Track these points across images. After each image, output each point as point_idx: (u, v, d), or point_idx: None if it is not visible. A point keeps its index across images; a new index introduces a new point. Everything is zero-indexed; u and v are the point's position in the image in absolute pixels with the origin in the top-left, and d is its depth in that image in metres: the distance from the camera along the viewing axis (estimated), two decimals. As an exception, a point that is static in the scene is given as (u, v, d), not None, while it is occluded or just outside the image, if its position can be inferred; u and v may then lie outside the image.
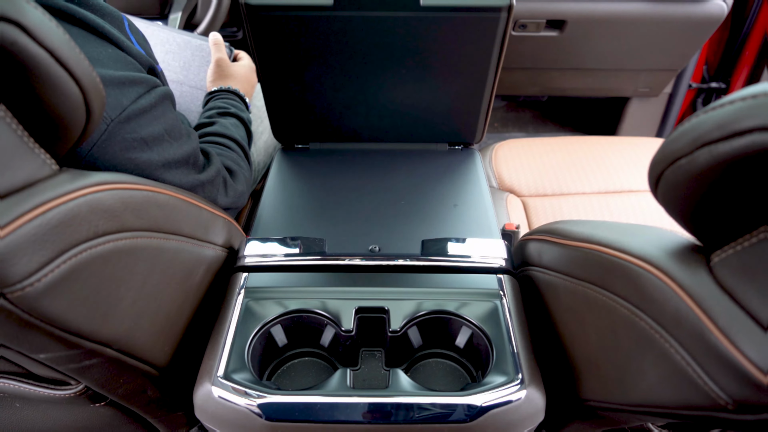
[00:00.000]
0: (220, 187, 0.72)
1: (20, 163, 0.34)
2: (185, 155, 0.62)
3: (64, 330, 0.37)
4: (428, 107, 0.90)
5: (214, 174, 0.70)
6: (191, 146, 0.64)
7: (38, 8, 0.34)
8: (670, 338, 0.36)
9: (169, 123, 0.60)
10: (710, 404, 0.34)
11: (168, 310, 0.51)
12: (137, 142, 0.55)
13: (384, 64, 0.82)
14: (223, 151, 0.80)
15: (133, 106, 0.54)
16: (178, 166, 0.61)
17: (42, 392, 0.50)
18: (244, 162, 0.83)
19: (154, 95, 0.57)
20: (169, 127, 0.59)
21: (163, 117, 0.59)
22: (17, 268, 0.32)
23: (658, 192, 0.37)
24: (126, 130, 0.53)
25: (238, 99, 0.93)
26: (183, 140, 0.63)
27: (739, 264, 0.32)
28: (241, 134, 0.86)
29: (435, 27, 0.77)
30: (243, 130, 0.88)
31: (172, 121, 0.60)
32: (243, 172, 0.81)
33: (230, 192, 0.75)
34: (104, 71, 0.52)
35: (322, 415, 0.48)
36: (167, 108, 0.60)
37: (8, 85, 0.34)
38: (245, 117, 0.90)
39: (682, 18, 1.33)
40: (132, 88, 0.54)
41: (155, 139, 0.57)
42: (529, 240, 0.65)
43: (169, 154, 0.59)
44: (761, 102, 0.28)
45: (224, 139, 0.82)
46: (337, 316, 0.57)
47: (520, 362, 0.53)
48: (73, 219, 0.36)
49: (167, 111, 0.60)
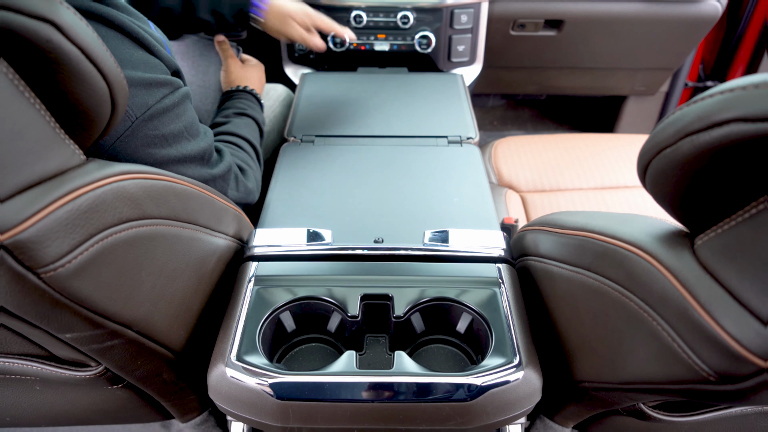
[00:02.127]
0: (231, 183, 0.76)
1: (53, 153, 0.37)
2: (200, 151, 0.66)
3: (91, 310, 0.40)
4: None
5: (225, 170, 0.73)
6: (206, 143, 0.68)
7: (71, 8, 0.36)
8: (657, 317, 0.39)
9: (188, 121, 0.63)
10: (695, 378, 0.36)
11: (183, 296, 0.53)
12: (158, 139, 0.58)
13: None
14: (236, 150, 0.84)
15: (158, 106, 0.57)
16: (192, 161, 0.64)
17: (63, 374, 0.53)
18: (254, 162, 0.87)
19: (178, 96, 0.61)
20: (187, 125, 0.63)
21: (183, 116, 0.62)
22: (50, 250, 0.35)
23: (646, 180, 0.40)
24: (149, 127, 0.57)
25: (254, 100, 0.97)
26: (200, 137, 0.66)
27: (720, 246, 0.35)
28: (254, 135, 0.90)
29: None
30: (257, 131, 0.92)
31: (190, 119, 0.64)
32: (253, 171, 0.84)
33: (240, 188, 0.78)
34: (134, 73, 0.55)
35: (329, 393, 0.51)
36: (187, 107, 0.64)
37: (41, 80, 0.36)
38: (259, 119, 0.94)
39: (677, 18, 1.36)
40: (158, 90, 0.58)
41: (174, 136, 0.60)
42: (526, 231, 0.68)
43: (186, 150, 0.62)
44: (738, 95, 0.31)
45: (238, 139, 0.86)
46: (344, 303, 0.60)
47: (517, 346, 0.55)
48: (100, 205, 0.39)
49: (187, 110, 0.63)
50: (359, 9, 1.21)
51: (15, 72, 0.34)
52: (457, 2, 1.21)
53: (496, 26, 1.39)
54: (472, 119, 1.06)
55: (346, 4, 1.20)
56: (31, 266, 0.34)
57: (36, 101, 0.35)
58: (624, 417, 0.55)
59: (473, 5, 1.23)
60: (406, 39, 1.24)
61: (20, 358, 0.52)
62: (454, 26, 1.23)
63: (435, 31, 1.23)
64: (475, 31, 1.26)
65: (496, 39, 1.43)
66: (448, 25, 1.23)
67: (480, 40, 1.28)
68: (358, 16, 1.21)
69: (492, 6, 1.34)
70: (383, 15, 1.21)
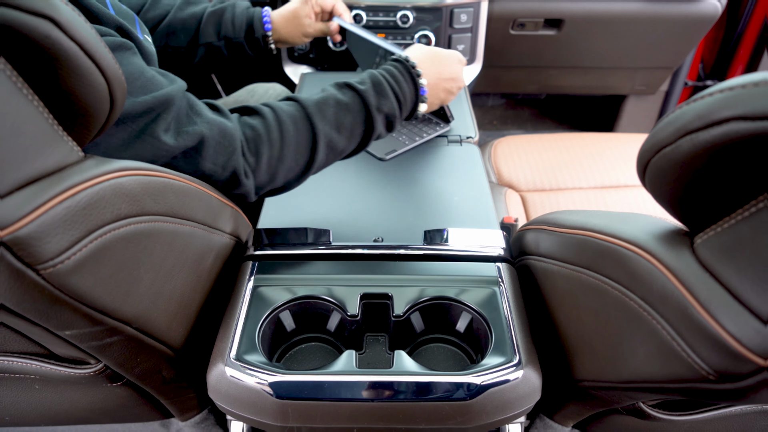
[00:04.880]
0: (207, 160, 0.60)
1: (51, 150, 0.37)
2: (144, 107, 0.54)
3: (90, 306, 0.40)
4: None
5: (194, 140, 0.58)
6: (162, 98, 0.54)
7: (69, 5, 0.36)
8: (657, 316, 0.39)
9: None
10: (695, 376, 0.36)
11: (182, 293, 0.53)
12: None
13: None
14: (261, 126, 0.65)
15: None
16: (131, 119, 0.53)
17: (62, 371, 0.53)
18: (281, 150, 0.66)
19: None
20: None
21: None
22: (50, 247, 0.35)
23: (646, 179, 0.40)
24: None
25: (404, 75, 0.73)
26: (150, 94, 0.54)
27: (719, 244, 0.35)
28: (335, 115, 0.68)
29: None
30: (351, 113, 0.69)
31: (127, 71, 0.53)
32: (266, 164, 0.66)
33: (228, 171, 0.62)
34: None
35: (329, 393, 0.51)
36: (122, 57, 0.53)
37: (39, 76, 0.36)
38: (372, 99, 0.69)
39: (677, 17, 1.36)
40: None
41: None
42: (526, 230, 0.68)
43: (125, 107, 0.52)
44: (737, 93, 0.31)
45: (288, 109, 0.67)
46: (343, 302, 0.60)
47: (517, 345, 0.55)
48: (99, 202, 0.39)
49: (122, 61, 0.53)
50: (359, 8, 1.21)
51: (13, 69, 0.34)
52: (457, 1, 1.21)
53: (495, 25, 1.39)
54: (471, 118, 1.06)
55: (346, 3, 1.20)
56: (31, 263, 0.34)
57: (34, 98, 0.35)
58: (624, 416, 0.55)
59: (473, 4, 1.23)
60: (405, 38, 1.24)
61: (19, 357, 0.52)
62: (453, 25, 1.23)
63: (435, 30, 1.23)
64: (474, 31, 1.26)
65: (496, 38, 1.43)
66: (448, 25, 1.23)
67: (480, 39, 1.28)
68: (358, 15, 1.21)
69: (492, 5, 1.34)
70: (383, 14, 1.21)
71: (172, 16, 0.93)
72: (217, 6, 0.97)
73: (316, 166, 0.69)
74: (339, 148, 0.70)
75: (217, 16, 0.96)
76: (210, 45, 0.96)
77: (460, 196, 0.84)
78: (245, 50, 0.99)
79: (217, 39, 0.96)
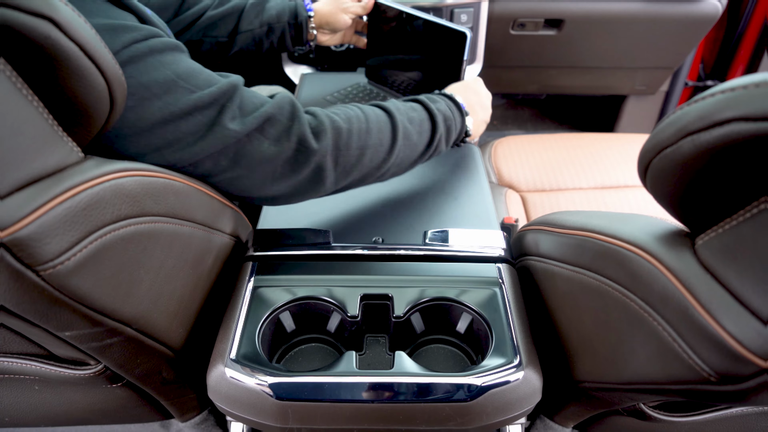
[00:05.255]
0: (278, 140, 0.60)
1: (51, 150, 0.37)
2: (210, 98, 0.55)
3: (90, 307, 0.40)
4: None
5: (262, 118, 0.58)
6: (225, 87, 0.56)
7: (69, 5, 0.36)
8: (658, 317, 0.39)
9: (182, 70, 0.54)
10: (696, 378, 0.36)
11: (182, 294, 0.53)
12: (136, 88, 0.50)
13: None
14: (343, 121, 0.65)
15: (126, 52, 0.50)
16: (200, 109, 0.54)
17: (62, 372, 0.52)
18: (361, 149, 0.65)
19: (155, 43, 0.52)
20: (181, 73, 0.54)
21: (172, 64, 0.53)
22: (49, 248, 0.35)
23: (647, 180, 0.39)
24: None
25: (455, 109, 0.78)
26: (214, 87, 0.56)
27: (721, 246, 0.35)
28: (413, 128, 0.70)
29: None
30: (416, 129, 0.71)
31: (186, 68, 0.55)
32: (352, 162, 0.65)
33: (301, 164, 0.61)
34: (91, 20, 0.46)
35: (329, 394, 0.51)
36: (177, 57, 0.55)
37: (39, 77, 0.36)
38: (439, 116, 0.73)
39: (677, 17, 1.36)
40: (123, 34, 0.50)
41: (161, 85, 0.52)
42: (526, 231, 0.67)
43: (191, 100, 0.54)
44: (739, 94, 0.31)
45: (359, 112, 0.67)
46: (343, 303, 0.60)
47: (518, 346, 0.55)
48: (99, 202, 0.39)
49: (178, 60, 0.55)
50: None
51: (13, 69, 0.34)
52: (457, 2, 1.20)
53: (496, 25, 1.39)
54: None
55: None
56: (30, 264, 0.34)
57: (34, 98, 0.35)
58: (624, 417, 0.55)
59: (473, 4, 1.22)
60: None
61: (19, 357, 0.52)
62: (454, 26, 1.23)
63: (435, 30, 1.22)
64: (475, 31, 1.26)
65: (496, 38, 1.43)
66: (449, 25, 1.23)
67: (480, 39, 1.28)
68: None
69: (492, 5, 1.34)
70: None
71: (213, 9, 0.95)
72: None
73: (395, 154, 0.69)
74: (413, 140, 0.71)
75: (260, 4, 0.98)
76: (250, 33, 0.97)
77: (460, 197, 0.84)
78: (284, 39, 1.00)
79: (258, 26, 0.97)
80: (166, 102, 0.52)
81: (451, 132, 0.77)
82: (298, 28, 1.00)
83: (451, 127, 0.76)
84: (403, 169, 0.73)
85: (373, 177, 0.70)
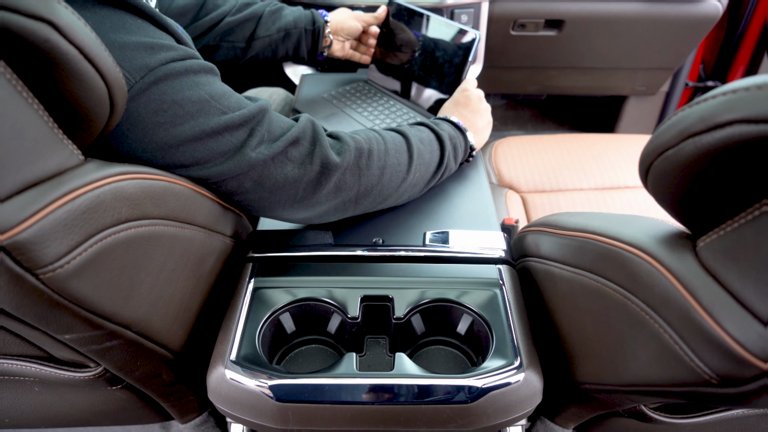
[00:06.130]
0: (305, 163, 0.60)
1: (51, 153, 0.36)
2: (241, 119, 0.56)
3: (90, 310, 0.40)
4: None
5: (290, 139, 0.59)
6: (256, 110, 0.57)
7: (69, 8, 0.36)
8: (659, 319, 0.39)
9: (215, 91, 0.55)
10: (697, 380, 0.36)
11: (182, 296, 0.53)
12: (169, 105, 0.51)
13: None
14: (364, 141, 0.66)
15: (163, 69, 0.50)
16: (230, 129, 0.55)
17: (62, 374, 0.52)
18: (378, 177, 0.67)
19: (191, 64, 0.54)
20: (214, 94, 0.55)
21: (206, 85, 0.54)
22: (49, 251, 0.35)
23: (648, 182, 0.39)
24: (155, 92, 0.50)
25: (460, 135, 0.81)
26: (245, 110, 0.57)
27: (722, 248, 0.35)
28: (426, 151, 0.72)
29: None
30: (426, 152, 0.73)
31: (219, 90, 0.56)
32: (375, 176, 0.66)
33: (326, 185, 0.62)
34: (130, 37, 0.49)
35: (330, 396, 0.51)
36: (211, 80, 0.56)
37: (39, 80, 0.36)
38: (447, 143, 0.76)
39: (678, 17, 1.36)
40: (161, 53, 0.51)
41: (194, 103, 0.53)
42: (527, 232, 0.67)
43: (221, 120, 0.54)
44: (740, 96, 0.31)
45: (394, 138, 0.70)
46: (344, 304, 0.60)
47: (518, 347, 0.55)
48: (99, 206, 0.38)
49: (211, 81, 0.56)
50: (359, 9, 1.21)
51: (13, 72, 0.34)
52: (458, 2, 1.20)
53: (496, 26, 1.39)
54: None
55: (346, 4, 1.20)
56: (30, 267, 0.34)
57: (34, 101, 0.35)
58: (625, 419, 0.54)
59: (473, 5, 1.22)
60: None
61: (19, 360, 0.52)
62: (454, 26, 1.23)
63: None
64: (475, 31, 1.26)
65: (497, 39, 1.43)
66: (449, 25, 1.23)
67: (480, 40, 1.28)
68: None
69: (492, 6, 1.34)
70: (383, 15, 1.21)
71: (232, 15, 0.97)
72: (276, 5, 1.02)
73: (412, 173, 0.71)
74: (426, 159, 0.73)
75: (278, 11, 1.01)
76: (267, 39, 1.00)
77: (461, 198, 0.84)
78: (300, 46, 1.03)
79: (275, 32, 1.00)
80: (197, 121, 0.53)
81: (457, 149, 0.80)
82: (315, 34, 1.03)
83: (456, 145, 0.79)
84: (418, 190, 0.75)
85: (392, 198, 0.71)
